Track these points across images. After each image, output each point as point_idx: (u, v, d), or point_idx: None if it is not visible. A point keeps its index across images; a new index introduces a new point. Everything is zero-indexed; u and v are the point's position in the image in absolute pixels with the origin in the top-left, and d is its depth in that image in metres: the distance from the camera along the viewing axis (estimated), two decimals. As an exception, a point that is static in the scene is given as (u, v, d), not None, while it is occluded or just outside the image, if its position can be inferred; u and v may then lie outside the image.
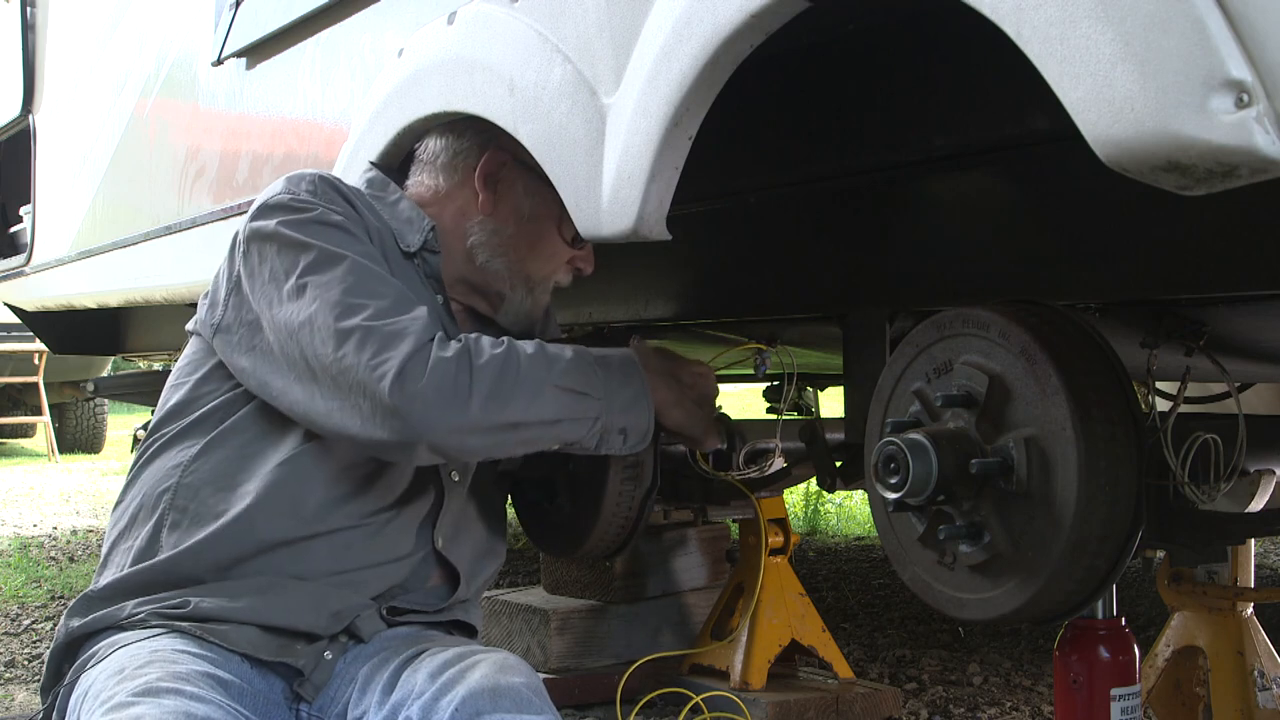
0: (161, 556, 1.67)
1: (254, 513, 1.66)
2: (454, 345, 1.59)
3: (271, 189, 1.74)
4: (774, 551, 2.66)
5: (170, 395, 1.80)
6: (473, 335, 1.63)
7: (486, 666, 1.52)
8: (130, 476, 1.79)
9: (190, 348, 1.82)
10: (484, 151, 1.82)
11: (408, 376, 1.55)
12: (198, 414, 1.75)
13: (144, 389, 5.69)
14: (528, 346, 1.66)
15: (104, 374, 10.16)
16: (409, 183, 1.88)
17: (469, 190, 1.83)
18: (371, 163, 1.92)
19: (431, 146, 1.87)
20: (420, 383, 1.55)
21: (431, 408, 1.55)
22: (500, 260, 1.83)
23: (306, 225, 1.68)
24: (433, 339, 1.59)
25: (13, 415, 11.63)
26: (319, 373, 1.60)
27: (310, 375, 1.61)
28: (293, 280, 1.65)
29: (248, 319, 1.70)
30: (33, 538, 5.85)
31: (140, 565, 1.68)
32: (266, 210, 1.71)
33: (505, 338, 1.66)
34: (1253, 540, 2.15)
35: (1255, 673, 2.09)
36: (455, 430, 1.58)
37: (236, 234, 1.75)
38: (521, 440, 1.66)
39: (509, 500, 1.98)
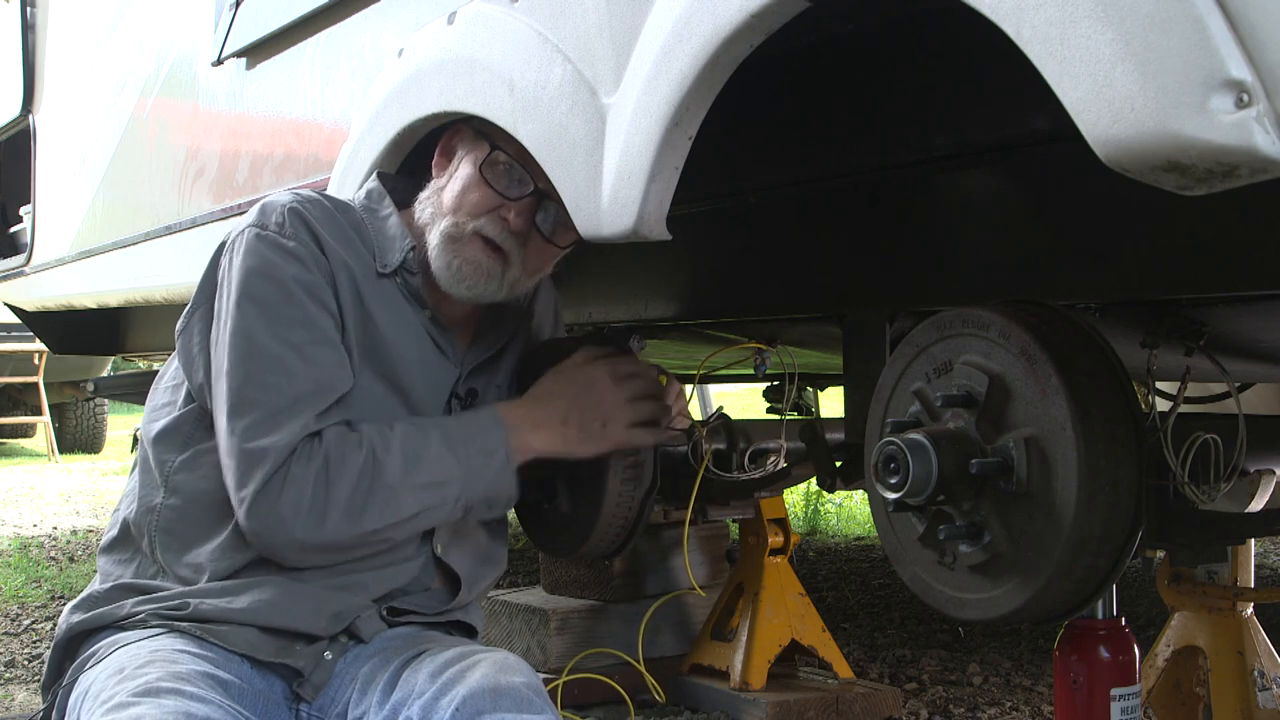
0: (161, 579, 1.70)
1: (239, 539, 1.67)
2: (317, 459, 1.63)
3: (246, 218, 1.74)
4: (774, 551, 2.66)
5: (153, 396, 1.82)
6: (339, 442, 1.65)
7: (487, 666, 1.52)
8: (129, 478, 1.80)
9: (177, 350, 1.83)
10: None
11: (262, 500, 1.61)
12: (170, 420, 1.76)
13: (144, 389, 5.67)
14: (392, 446, 1.67)
15: (104, 374, 10.15)
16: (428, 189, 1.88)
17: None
18: (379, 172, 1.91)
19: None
20: (276, 504, 1.61)
21: (286, 528, 1.62)
22: (429, 209, 1.81)
23: (258, 283, 1.68)
24: (295, 452, 1.62)
25: (13, 415, 11.63)
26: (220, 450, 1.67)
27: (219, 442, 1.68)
28: (223, 344, 1.68)
29: (210, 337, 1.73)
30: (33, 538, 5.85)
31: (140, 580, 1.71)
32: (232, 244, 1.72)
33: (368, 439, 1.66)
34: (1253, 540, 2.15)
35: (1255, 673, 2.09)
36: (310, 547, 1.65)
37: (218, 250, 1.76)
38: (382, 540, 1.70)
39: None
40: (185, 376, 1.75)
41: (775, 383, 2.76)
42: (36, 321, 4.83)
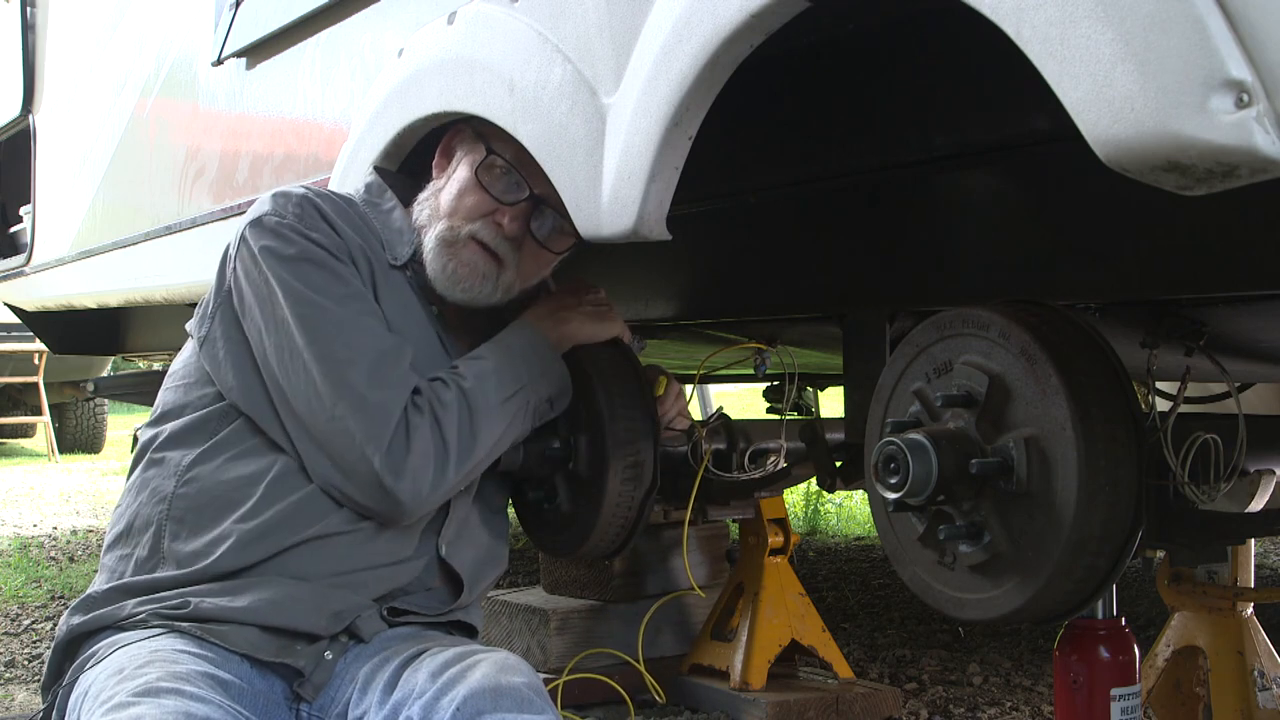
0: (163, 570, 1.69)
1: (251, 525, 1.67)
2: (425, 407, 1.68)
3: (259, 207, 1.75)
4: (774, 551, 2.66)
5: (165, 396, 1.81)
6: (430, 388, 1.70)
7: (487, 666, 1.52)
8: (129, 479, 1.80)
9: (186, 350, 1.83)
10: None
11: (393, 456, 1.64)
12: (191, 418, 1.75)
13: (144, 389, 5.69)
14: (468, 376, 1.73)
15: (104, 374, 10.15)
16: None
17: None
18: (376, 167, 1.92)
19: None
20: (406, 458, 1.65)
21: (417, 479, 1.66)
22: (427, 210, 1.83)
23: (294, 263, 1.70)
24: (408, 403, 1.67)
25: (13, 415, 11.63)
26: (311, 430, 1.68)
27: (303, 428, 1.69)
28: (279, 323, 1.69)
29: (235, 338, 1.74)
30: (33, 538, 5.85)
31: (141, 576, 1.69)
32: (254, 234, 1.73)
33: (449, 377, 1.72)
34: (1253, 540, 2.15)
35: (1255, 673, 2.09)
36: (441, 491, 1.70)
37: (228, 248, 1.77)
38: (486, 463, 1.76)
39: (509, 502, 1.99)
40: (214, 380, 1.75)
41: (775, 383, 2.76)
42: (36, 321, 4.83)
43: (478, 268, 1.78)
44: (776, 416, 2.45)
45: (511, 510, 1.99)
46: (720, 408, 2.55)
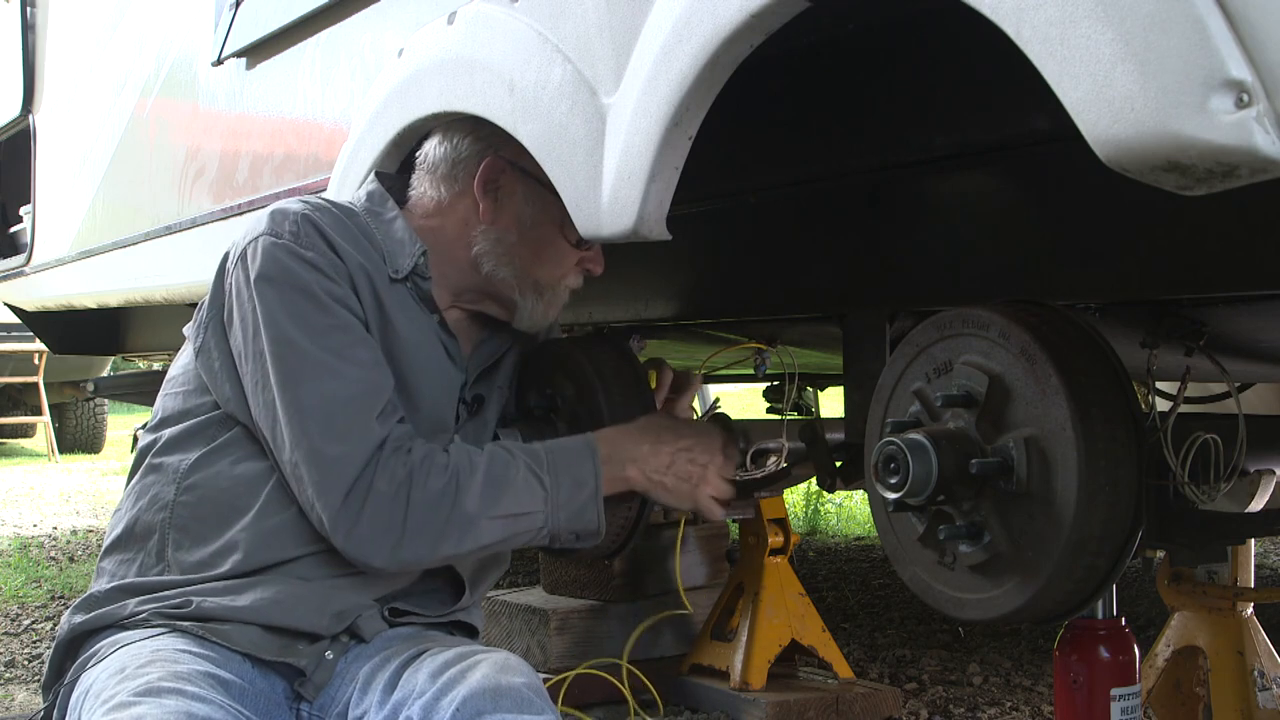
0: (167, 577, 1.69)
1: (253, 535, 1.67)
2: (400, 477, 1.62)
3: (257, 225, 1.72)
4: (774, 551, 2.66)
5: (164, 402, 1.80)
6: (424, 463, 1.64)
7: (487, 666, 1.52)
8: (130, 483, 1.79)
9: (184, 354, 1.82)
10: (483, 160, 1.80)
11: (344, 517, 1.61)
12: (191, 424, 1.75)
13: (144, 389, 5.69)
14: (476, 474, 1.66)
15: (104, 374, 10.16)
16: (412, 193, 1.86)
17: (470, 200, 1.81)
18: (377, 173, 1.90)
19: (431, 156, 1.84)
20: (356, 523, 1.62)
21: (365, 545, 1.63)
22: (507, 269, 1.81)
23: (280, 290, 1.67)
24: (378, 465, 1.62)
25: (13, 415, 11.64)
26: (282, 462, 1.67)
27: (277, 454, 1.68)
28: (257, 354, 1.67)
29: (228, 350, 1.73)
30: (33, 538, 5.85)
31: (143, 578, 1.69)
32: (249, 253, 1.70)
33: (454, 465, 1.66)
34: (1253, 540, 2.15)
35: (1255, 673, 2.09)
36: (389, 563, 1.65)
37: (224, 259, 1.75)
38: (467, 559, 1.76)
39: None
40: (211, 392, 1.74)
41: (775, 383, 2.76)
42: (36, 321, 4.83)
43: (560, 304, 1.87)
44: (776, 416, 2.45)
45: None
46: (716, 399, 2.55)
